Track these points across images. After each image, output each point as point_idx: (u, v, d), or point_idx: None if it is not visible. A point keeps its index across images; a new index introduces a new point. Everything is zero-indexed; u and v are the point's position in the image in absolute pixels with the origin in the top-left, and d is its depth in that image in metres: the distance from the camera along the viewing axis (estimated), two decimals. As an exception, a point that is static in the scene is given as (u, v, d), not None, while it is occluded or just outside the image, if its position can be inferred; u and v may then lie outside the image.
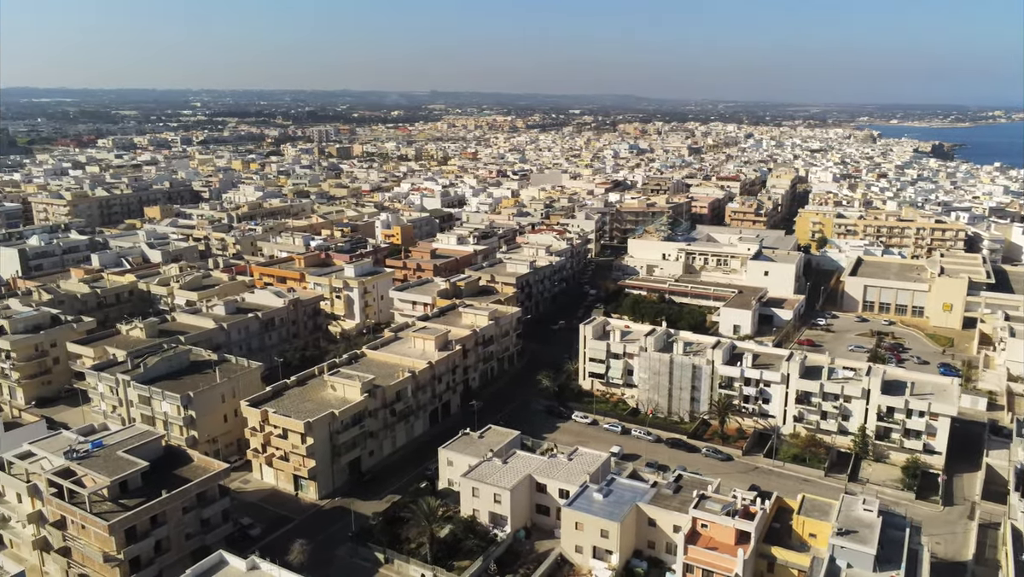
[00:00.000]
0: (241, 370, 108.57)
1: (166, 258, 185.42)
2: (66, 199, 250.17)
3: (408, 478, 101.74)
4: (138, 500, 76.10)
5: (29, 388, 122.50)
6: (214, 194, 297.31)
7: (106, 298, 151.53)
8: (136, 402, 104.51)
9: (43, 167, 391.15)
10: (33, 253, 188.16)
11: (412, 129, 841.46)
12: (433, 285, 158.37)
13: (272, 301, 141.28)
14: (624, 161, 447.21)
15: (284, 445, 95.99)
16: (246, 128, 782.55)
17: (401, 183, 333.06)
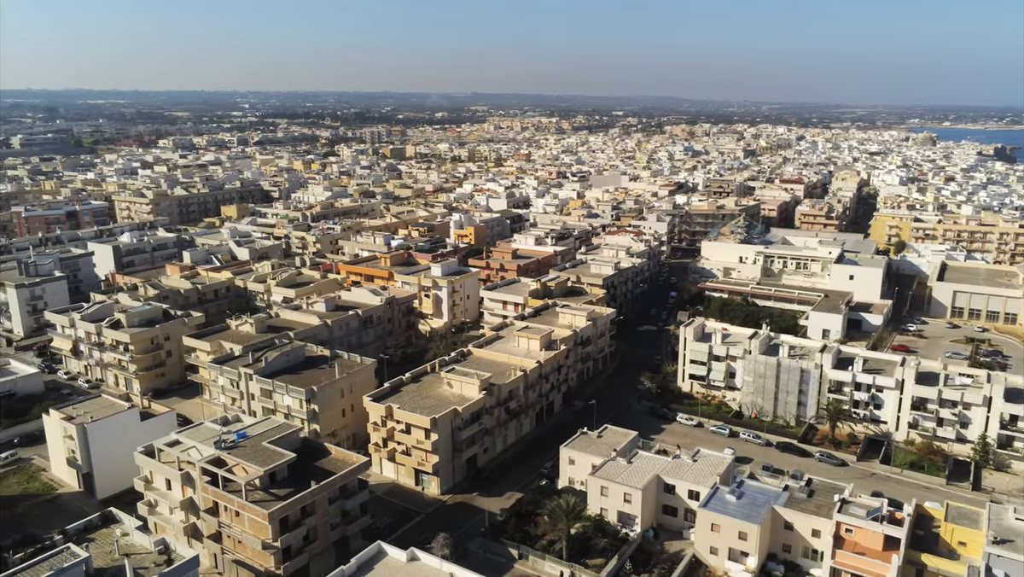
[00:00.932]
0: (357, 366, 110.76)
1: (253, 256, 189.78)
2: (148, 198, 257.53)
3: (523, 476, 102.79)
4: (287, 490, 78.26)
5: (145, 380, 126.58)
6: (283, 194, 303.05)
7: (205, 294, 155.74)
8: (258, 395, 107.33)
9: (113, 167, 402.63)
10: (126, 250, 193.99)
11: (459, 130, 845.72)
12: (522, 285, 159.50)
13: (369, 299, 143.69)
14: (680, 163, 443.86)
15: (407, 440, 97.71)
16: (297, 129, 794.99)
17: (463, 184, 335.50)
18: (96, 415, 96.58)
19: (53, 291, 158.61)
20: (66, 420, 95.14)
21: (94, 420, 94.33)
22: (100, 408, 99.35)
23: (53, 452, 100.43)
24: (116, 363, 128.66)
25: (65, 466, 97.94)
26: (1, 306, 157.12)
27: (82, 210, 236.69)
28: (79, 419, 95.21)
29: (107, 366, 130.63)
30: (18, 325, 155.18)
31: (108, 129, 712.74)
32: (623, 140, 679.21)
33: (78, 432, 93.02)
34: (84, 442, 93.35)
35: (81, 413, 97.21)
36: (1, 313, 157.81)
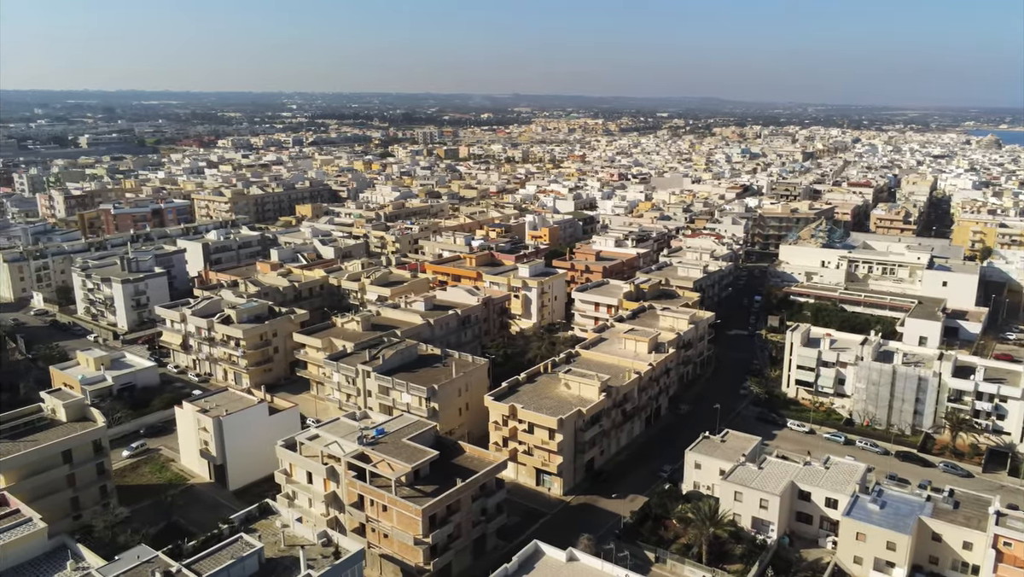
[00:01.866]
0: (471, 365, 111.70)
1: (338, 254, 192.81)
2: (226, 196, 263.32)
3: (641, 478, 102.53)
4: (432, 487, 79.23)
5: (255, 374, 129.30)
6: (351, 194, 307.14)
7: (301, 292, 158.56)
8: (375, 392, 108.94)
9: (180, 166, 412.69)
10: (214, 247, 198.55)
11: (508, 131, 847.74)
12: (612, 287, 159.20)
13: (465, 299, 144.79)
14: (739, 165, 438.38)
15: (529, 440, 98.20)
16: (348, 130, 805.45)
17: (525, 185, 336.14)
18: (227, 409, 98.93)
19: (155, 287, 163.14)
20: (201, 413, 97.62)
21: (229, 413, 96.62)
22: (230, 402, 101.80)
23: (183, 443, 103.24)
24: (226, 357, 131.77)
25: (196, 458, 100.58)
26: (106, 300, 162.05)
27: (167, 208, 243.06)
28: (213, 412, 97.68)
29: (216, 360, 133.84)
30: (122, 319, 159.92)
31: (168, 129, 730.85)
32: (674, 142, 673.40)
33: (214, 425, 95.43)
34: (219, 435, 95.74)
35: (214, 406, 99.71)
36: (106, 307, 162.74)
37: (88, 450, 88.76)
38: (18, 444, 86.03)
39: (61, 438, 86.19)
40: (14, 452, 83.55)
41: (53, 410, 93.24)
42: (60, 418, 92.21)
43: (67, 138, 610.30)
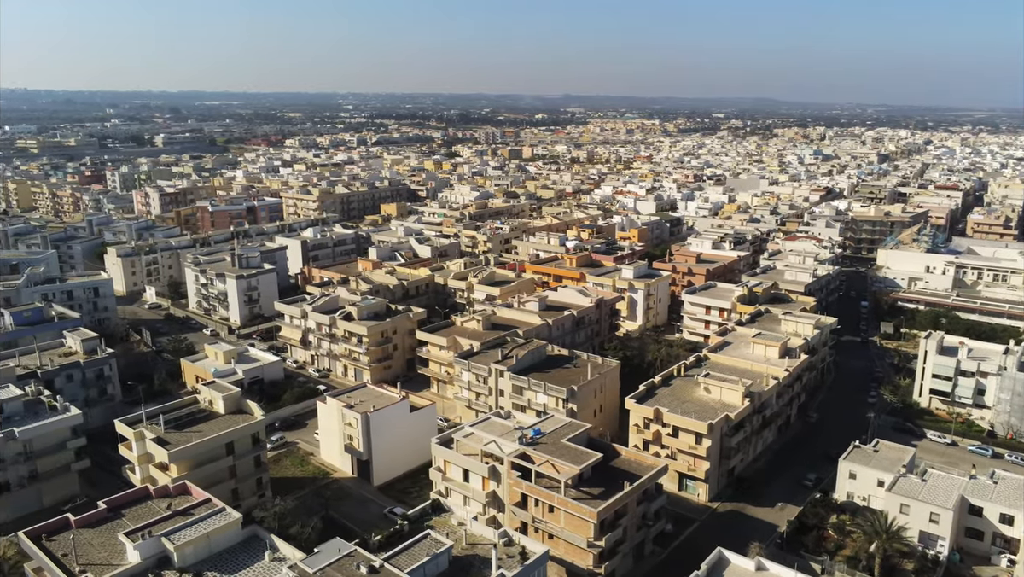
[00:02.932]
0: (604, 367, 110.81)
1: (434, 253, 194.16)
2: (313, 195, 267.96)
3: (784, 486, 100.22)
4: (598, 489, 78.51)
5: (375, 371, 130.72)
6: (430, 193, 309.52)
7: (408, 290, 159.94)
8: (508, 392, 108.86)
9: (256, 164, 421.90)
10: (311, 245, 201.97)
11: (567, 132, 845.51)
12: (721, 289, 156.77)
13: (578, 299, 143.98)
14: (813, 167, 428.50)
15: (674, 444, 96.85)
16: (408, 130, 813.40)
17: (600, 185, 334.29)
18: (373, 405, 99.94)
19: (265, 283, 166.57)
20: (347, 408, 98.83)
21: (376, 410, 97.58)
22: (372, 398, 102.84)
23: (324, 438, 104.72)
24: (347, 354, 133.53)
25: (339, 452, 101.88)
26: (219, 295, 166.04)
27: (260, 206, 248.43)
28: (359, 408, 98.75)
29: (336, 356, 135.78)
30: (235, 314, 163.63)
31: (236, 129, 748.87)
32: (739, 143, 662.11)
33: (361, 420, 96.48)
34: (366, 430, 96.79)
35: (358, 402, 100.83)
36: (219, 302, 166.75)
37: (248, 442, 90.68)
38: (185, 434, 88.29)
39: (228, 429, 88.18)
40: (184, 442, 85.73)
41: (211, 402, 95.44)
42: (218, 410, 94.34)
43: (143, 137, 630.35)
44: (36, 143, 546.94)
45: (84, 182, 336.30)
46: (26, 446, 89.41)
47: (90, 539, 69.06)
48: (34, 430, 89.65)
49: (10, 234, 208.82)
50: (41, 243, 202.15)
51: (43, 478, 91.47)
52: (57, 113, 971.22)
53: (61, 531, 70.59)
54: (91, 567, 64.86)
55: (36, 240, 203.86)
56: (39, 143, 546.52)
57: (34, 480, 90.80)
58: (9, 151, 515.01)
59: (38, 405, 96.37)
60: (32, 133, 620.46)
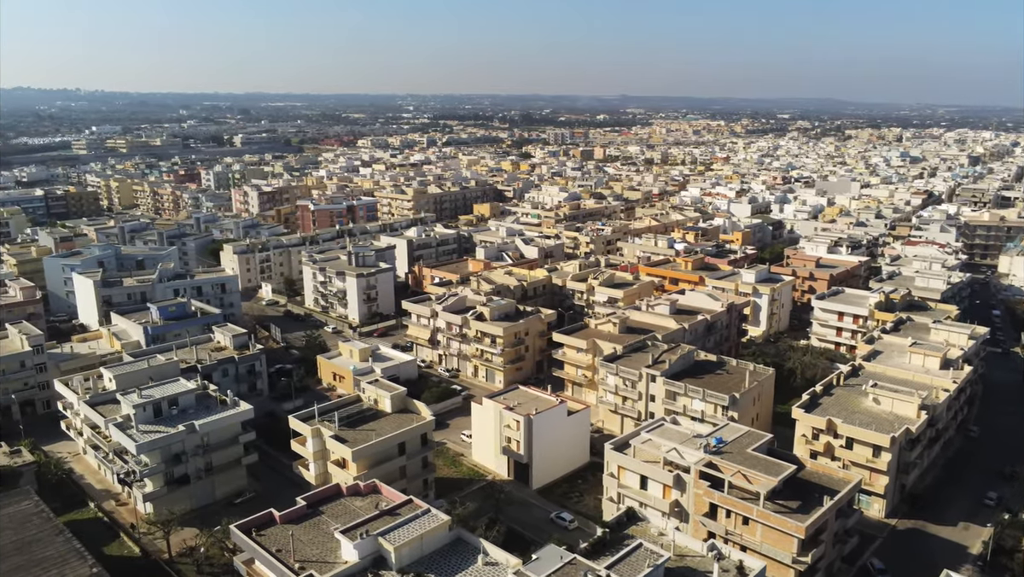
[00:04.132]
0: (760, 374, 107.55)
1: (540, 254, 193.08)
2: (408, 194, 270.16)
3: (959, 504, 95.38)
4: (795, 502, 75.60)
5: (508, 373, 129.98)
6: (517, 194, 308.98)
7: (527, 291, 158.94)
8: (661, 397, 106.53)
9: (337, 164, 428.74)
10: (416, 244, 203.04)
11: (633, 132, 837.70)
12: (852, 296, 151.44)
13: (708, 303, 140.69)
14: (902, 169, 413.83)
15: (847, 456, 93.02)
16: (474, 130, 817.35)
17: (685, 187, 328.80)
18: (530, 407, 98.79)
19: (383, 281, 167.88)
20: (507, 410, 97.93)
21: (539, 412, 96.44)
22: (528, 400, 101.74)
23: (478, 439, 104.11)
24: (478, 354, 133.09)
25: (494, 454, 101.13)
26: (338, 293, 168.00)
27: (358, 205, 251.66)
28: (519, 410, 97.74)
29: (466, 357, 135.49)
30: (354, 312, 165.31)
31: (308, 130, 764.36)
32: (814, 144, 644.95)
33: (524, 423, 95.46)
34: (528, 433, 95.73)
35: (516, 404, 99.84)
36: (338, 300, 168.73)
37: (417, 442, 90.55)
38: (360, 432, 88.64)
39: (404, 428, 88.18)
40: (361, 440, 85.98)
41: (376, 400, 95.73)
42: (384, 409, 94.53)
43: (222, 137, 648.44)
44: (125, 143, 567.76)
45: (178, 181, 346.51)
46: (203, 439, 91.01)
47: (297, 535, 69.38)
48: (211, 424, 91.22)
49: (127, 231, 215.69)
50: (158, 239, 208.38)
51: (217, 471, 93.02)
52: (135, 114, 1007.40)
53: (267, 526, 71.21)
54: (309, 564, 65.05)
55: (152, 237, 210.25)
56: (127, 143, 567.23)
57: (209, 473, 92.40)
58: (100, 150, 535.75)
59: (207, 399, 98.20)
60: (118, 133, 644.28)
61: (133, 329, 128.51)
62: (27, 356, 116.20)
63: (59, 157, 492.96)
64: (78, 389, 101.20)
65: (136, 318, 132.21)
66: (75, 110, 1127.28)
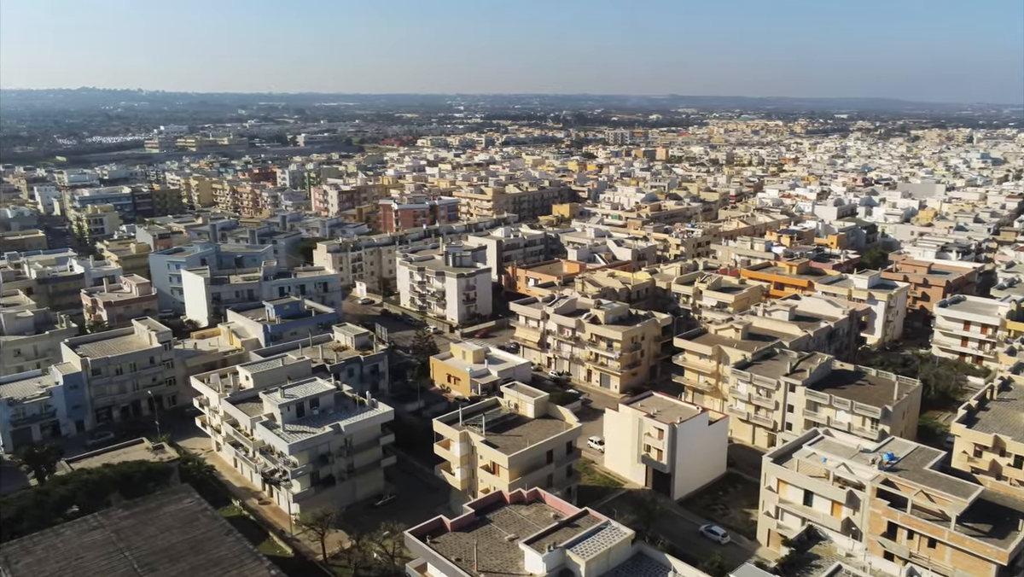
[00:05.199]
0: (907, 386, 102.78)
1: (633, 256, 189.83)
2: (487, 194, 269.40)
3: None
4: (985, 525, 71.29)
5: (624, 378, 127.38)
6: (592, 194, 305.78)
7: (631, 293, 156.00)
8: (801, 408, 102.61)
9: (403, 163, 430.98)
10: (504, 245, 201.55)
11: (690, 132, 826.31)
12: (977, 303, 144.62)
13: (827, 309, 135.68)
14: (985, 171, 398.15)
15: (1014, 475, 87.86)
16: (530, 130, 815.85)
17: (763, 188, 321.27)
18: (673, 415, 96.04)
19: (482, 282, 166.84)
20: (648, 417, 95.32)
21: (683, 421, 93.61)
22: (665, 408, 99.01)
23: (612, 446, 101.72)
24: (592, 358, 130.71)
25: (629, 463, 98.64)
26: (437, 293, 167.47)
27: (440, 205, 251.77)
28: (659, 418, 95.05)
29: (579, 360, 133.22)
30: (452, 312, 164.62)
31: (367, 129, 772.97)
32: (883, 144, 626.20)
33: (668, 432, 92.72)
34: (672, 442, 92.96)
35: (656, 412, 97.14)
36: (436, 300, 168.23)
37: (564, 450, 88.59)
38: (506, 438, 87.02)
39: (555, 435, 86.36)
40: (512, 447, 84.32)
41: (516, 405, 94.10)
42: (526, 414, 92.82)
43: (285, 137, 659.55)
44: (194, 142, 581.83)
45: (253, 179, 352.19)
46: (347, 441, 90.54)
47: (473, 543, 67.86)
48: (356, 425, 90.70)
49: (218, 228, 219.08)
50: (249, 237, 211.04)
51: (358, 473, 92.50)
52: (197, 114, 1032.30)
53: (438, 533, 69.92)
54: (491, 574, 63.48)
55: (244, 235, 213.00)
56: (196, 142, 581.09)
57: (351, 475, 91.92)
58: (171, 149, 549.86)
59: (343, 399, 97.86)
60: (185, 133, 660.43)
61: (251, 327, 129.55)
62: (156, 352, 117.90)
63: (133, 156, 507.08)
64: (217, 386, 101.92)
65: (252, 316, 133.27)
66: (139, 110, 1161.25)
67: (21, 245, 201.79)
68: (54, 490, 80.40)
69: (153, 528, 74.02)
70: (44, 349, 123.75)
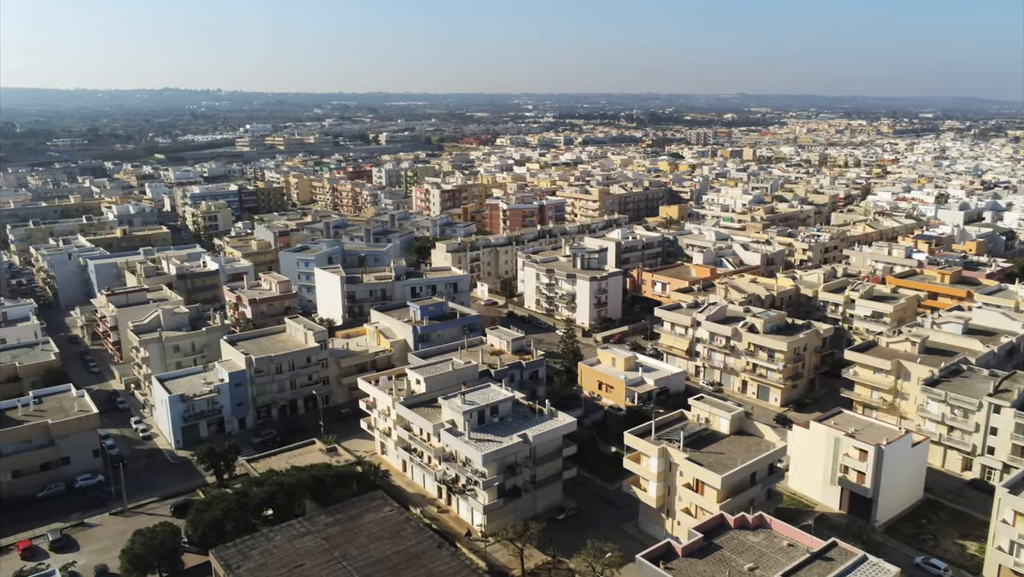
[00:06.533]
0: None
1: (763, 261, 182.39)
2: (592, 195, 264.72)
3: None
4: None
5: (786, 391, 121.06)
6: (694, 196, 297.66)
7: (775, 301, 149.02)
8: (1008, 430, 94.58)
9: (490, 163, 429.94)
10: (623, 248, 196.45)
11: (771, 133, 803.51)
12: None
13: (1002, 323, 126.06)
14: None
15: None
16: (606, 130, 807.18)
17: (872, 191, 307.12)
18: (869, 435, 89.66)
19: (613, 285, 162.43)
20: (847, 436, 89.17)
21: (889, 443, 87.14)
22: (859, 425, 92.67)
23: (798, 465, 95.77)
24: (749, 369, 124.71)
25: (820, 483, 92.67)
26: (566, 296, 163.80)
27: (547, 205, 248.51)
28: (860, 437, 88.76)
29: (733, 371, 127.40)
30: (583, 316, 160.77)
31: (444, 128, 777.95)
32: (986, 144, 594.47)
33: (874, 453, 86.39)
34: (877, 464, 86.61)
35: (853, 430, 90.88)
36: (565, 303, 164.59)
37: (766, 470, 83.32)
38: (704, 455, 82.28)
39: (764, 453, 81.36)
40: (722, 467, 79.53)
41: (707, 420, 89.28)
42: (719, 430, 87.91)
43: (367, 136, 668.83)
44: (282, 140, 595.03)
45: (349, 177, 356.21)
46: (532, 452, 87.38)
47: (707, 571, 63.56)
48: (542, 435, 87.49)
49: (331, 227, 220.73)
50: (365, 236, 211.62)
51: (540, 485, 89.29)
52: (275, 113, 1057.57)
53: (667, 557, 65.87)
54: (745, 608, 58.93)
55: (359, 233, 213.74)
56: (284, 140, 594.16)
57: (534, 486, 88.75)
58: (261, 147, 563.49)
59: (518, 407, 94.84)
60: (269, 132, 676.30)
61: (398, 327, 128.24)
62: (313, 352, 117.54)
63: (225, 153, 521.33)
64: (387, 388, 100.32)
65: (396, 316, 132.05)
66: (220, 109, 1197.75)
67: (148, 241, 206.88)
68: (252, 492, 79.58)
69: (362, 537, 72.24)
70: (200, 345, 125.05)
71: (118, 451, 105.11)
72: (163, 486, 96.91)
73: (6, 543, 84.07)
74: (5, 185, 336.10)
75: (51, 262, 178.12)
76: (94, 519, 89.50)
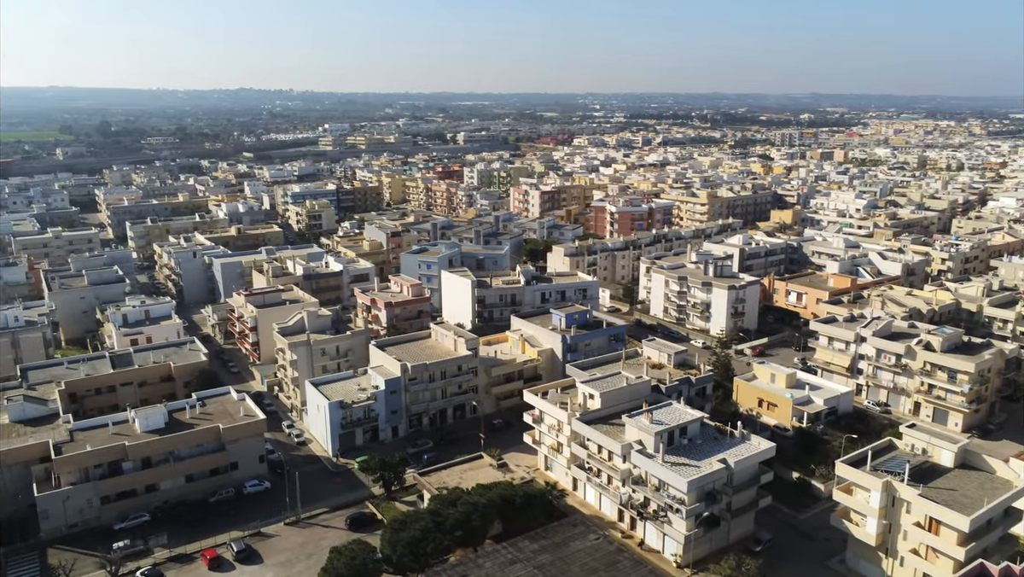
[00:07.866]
0: None
1: (903, 271, 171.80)
2: (701, 197, 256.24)
3: None
4: None
5: (968, 416, 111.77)
6: (802, 200, 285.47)
7: (933, 316, 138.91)
8: None
9: (574, 163, 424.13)
10: (746, 254, 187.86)
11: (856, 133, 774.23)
12: None
13: None
14: None
15: None
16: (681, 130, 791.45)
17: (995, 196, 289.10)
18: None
19: (750, 294, 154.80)
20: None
21: None
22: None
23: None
24: (924, 390, 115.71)
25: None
26: (699, 305, 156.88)
27: (655, 208, 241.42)
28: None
29: (903, 391, 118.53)
30: (717, 326, 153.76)
31: (520, 128, 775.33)
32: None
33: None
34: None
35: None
36: (698, 313, 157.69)
37: (1001, 513, 75.17)
38: (940, 492, 74.76)
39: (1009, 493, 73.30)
40: (960, 505, 71.93)
41: (923, 449, 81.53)
42: (939, 461, 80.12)
43: (444, 135, 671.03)
44: (363, 140, 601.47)
45: (439, 177, 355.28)
46: (730, 478, 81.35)
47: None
48: (742, 461, 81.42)
49: (439, 227, 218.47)
50: (475, 237, 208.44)
51: (735, 513, 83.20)
52: (347, 113, 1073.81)
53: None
54: None
55: (468, 234, 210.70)
56: (365, 140, 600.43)
57: (731, 515, 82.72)
58: (343, 147, 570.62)
59: (706, 428, 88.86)
60: (347, 131, 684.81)
61: (543, 336, 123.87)
62: (465, 360, 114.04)
63: (310, 152, 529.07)
64: (560, 402, 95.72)
65: (539, 323, 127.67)
66: (294, 109, 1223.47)
67: (263, 239, 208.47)
68: (447, 512, 75.86)
69: (576, 568, 67.94)
70: (344, 349, 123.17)
71: (279, 456, 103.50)
72: (329, 495, 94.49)
73: (192, 550, 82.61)
74: (111, 183, 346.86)
75: (178, 260, 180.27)
76: (269, 528, 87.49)
